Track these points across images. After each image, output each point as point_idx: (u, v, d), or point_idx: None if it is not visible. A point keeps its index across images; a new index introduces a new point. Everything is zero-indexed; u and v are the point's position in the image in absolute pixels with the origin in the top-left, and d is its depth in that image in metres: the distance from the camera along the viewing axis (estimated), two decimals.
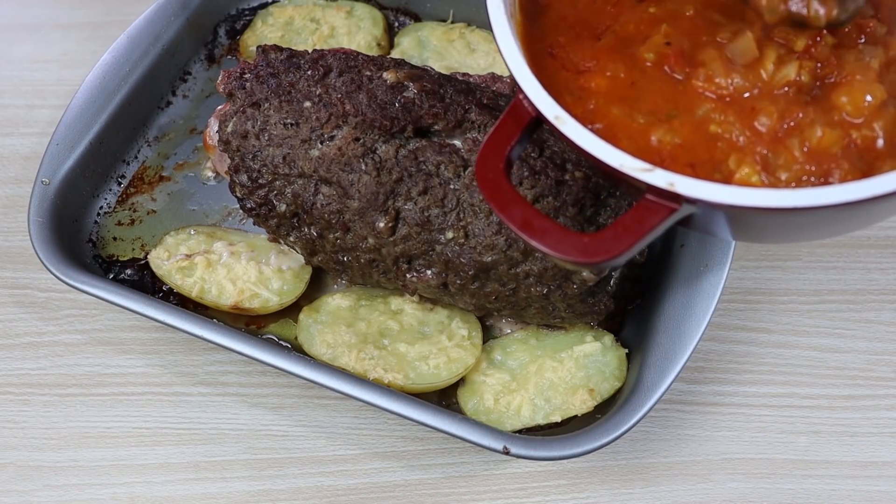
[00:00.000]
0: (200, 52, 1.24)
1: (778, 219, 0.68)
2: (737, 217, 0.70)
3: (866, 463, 0.99)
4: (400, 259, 0.94)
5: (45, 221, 1.04)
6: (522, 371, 0.98)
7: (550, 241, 0.67)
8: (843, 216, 0.69)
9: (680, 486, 0.98)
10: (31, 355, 1.07)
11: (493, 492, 0.98)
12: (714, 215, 0.70)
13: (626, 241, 0.66)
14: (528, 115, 0.73)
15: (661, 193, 0.66)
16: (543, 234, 0.68)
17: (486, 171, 0.71)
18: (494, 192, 0.70)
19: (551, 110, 0.71)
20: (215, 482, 0.99)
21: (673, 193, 0.66)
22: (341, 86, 0.95)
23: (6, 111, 1.26)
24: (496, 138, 0.73)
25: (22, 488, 0.99)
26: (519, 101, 0.73)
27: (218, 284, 1.02)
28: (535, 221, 0.68)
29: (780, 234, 0.77)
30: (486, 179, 0.71)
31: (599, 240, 0.66)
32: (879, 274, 1.11)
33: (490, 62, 1.20)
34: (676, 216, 0.67)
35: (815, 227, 0.73)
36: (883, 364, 1.05)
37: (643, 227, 0.66)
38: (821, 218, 0.68)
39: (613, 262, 0.66)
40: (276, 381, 1.04)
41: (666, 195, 0.66)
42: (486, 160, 0.72)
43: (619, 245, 0.66)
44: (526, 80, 0.72)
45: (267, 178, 0.96)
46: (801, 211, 0.64)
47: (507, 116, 0.73)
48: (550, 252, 0.67)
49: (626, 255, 0.66)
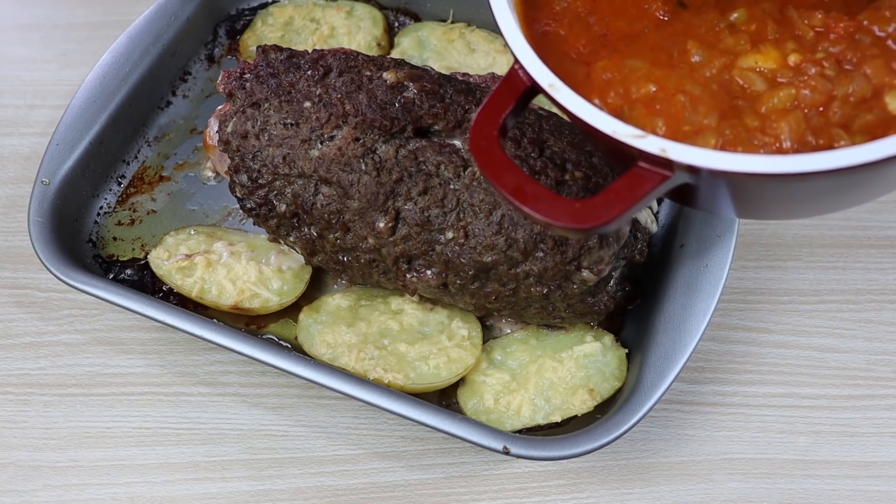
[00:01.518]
0: (200, 52, 1.24)
1: (775, 187, 0.67)
2: (733, 187, 0.69)
3: (866, 463, 0.99)
4: (400, 259, 0.94)
5: (45, 221, 1.04)
6: (522, 371, 0.98)
7: (542, 207, 0.67)
8: (845, 185, 0.67)
9: (680, 486, 0.98)
10: (31, 355, 1.07)
11: (493, 492, 0.98)
12: (710, 184, 0.68)
13: (617, 207, 0.65)
14: (522, 85, 0.73)
15: (653, 160, 0.66)
16: (536, 200, 0.67)
17: (480, 139, 0.71)
18: (487, 158, 0.70)
19: (545, 78, 0.71)
20: (215, 482, 0.99)
21: (665, 160, 0.65)
22: (341, 86, 0.95)
23: (6, 111, 1.26)
24: (491, 106, 0.73)
25: (22, 488, 0.99)
26: (514, 71, 0.74)
27: (218, 284, 1.02)
28: (527, 188, 0.68)
29: (779, 205, 0.75)
30: (480, 147, 0.71)
31: (591, 206, 0.66)
32: (879, 274, 1.11)
33: (490, 62, 1.20)
34: (669, 184, 0.66)
35: (815, 197, 0.71)
36: (883, 364, 1.05)
37: (635, 193, 0.66)
38: (820, 186, 0.66)
39: (604, 228, 0.66)
40: (276, 381, 1.04)
41: (658, 161, 0.65)
42: (479, 128, 0.72)
43: (611, 211, 0.65)
44: (521, 49, 0.73)
45: (267, 179, 0.96)
46: (798, 177, 0.63)
47: (502, 86, 0.74)
48: (542, 218, 0.67)
49: (617, 221, 0.66)
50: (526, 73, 0.72)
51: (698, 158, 0.64)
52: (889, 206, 1.16)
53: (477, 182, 0.90)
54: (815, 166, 0.62)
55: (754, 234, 1.14)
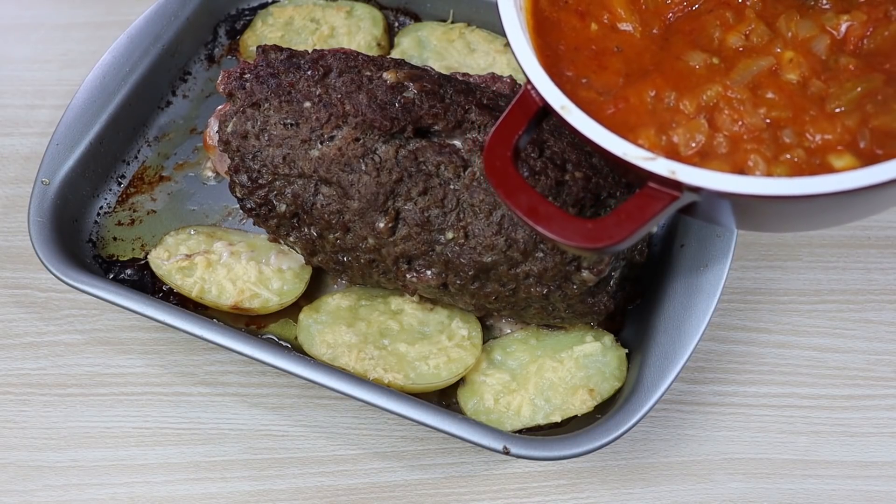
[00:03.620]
0: (200, 52, 1.24)
1: (778, 207, 0.69)
2: (738, 205, 0.71)
3: (866, 463, 0.99)
4: (400, 259, 0.94)
5: (45, 221, 1.04)
6: (522, 371, 0.98)
7: (555, 227, 0.69)
8: (844, 204, 0.69)
9: (680, 486, 0.98)
10: (31, 355, 1.07)
11: (493, 492, 0.98)
12: (716, 203, 0.71)
13: (628, 227, 0.68)
14: (535, 105, 0.75)
15: (663, 181, 0.68)
16: (549, 220, 0.70)
17: (494, 160, 0.74)
18: (502, 179, 0.72)
19: (557, 100, 0.73)
20: (215, 482, 0.99)
21: (674, 181, 0.67)
22: (341, 86, 0.95)
23: (6, 111, 1.26)
24: (504, 128, 0.75)
25: (22, 488, 0.99)
26: (527, 92, 0.76)
27: (218, 284, 1.02)
28: (541, 208, 0.70)
29: (781, 222, 0.79)
30: (494, 167, 0.73)
31: (603, 226, 0.69)
32: (879, 274, 1.11)
33: (490, 62, 1.20)
34: (678, 204, 0.69)
35: (815, 215, 0.74)
36: (883, 364, 1.05)
37: (645, 214, 0.68)
38: (821, 206, 0.69)
39: (616, 247, 0.68)
40: (276, 381, 1.04)
41: (668, 183, 0.68)
42: (493, 149, 0.74)
43: (622, 231, 0.68)
44: (533, 70, 0.75)
45: (267, 179, 0.96)
46: (801, 199, 0.65)
47: (515, 106, 0.76)
48: (555, 237, 0.69)
49: (628, 241, 0.68)
50: (538, 95, 0.74)
51: (707, 181, 0.67)
52: None
53: (477, 182, 0.90)
54: (816, 189, 0.65)
55: (754, 235, 1.14)
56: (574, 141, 0.94)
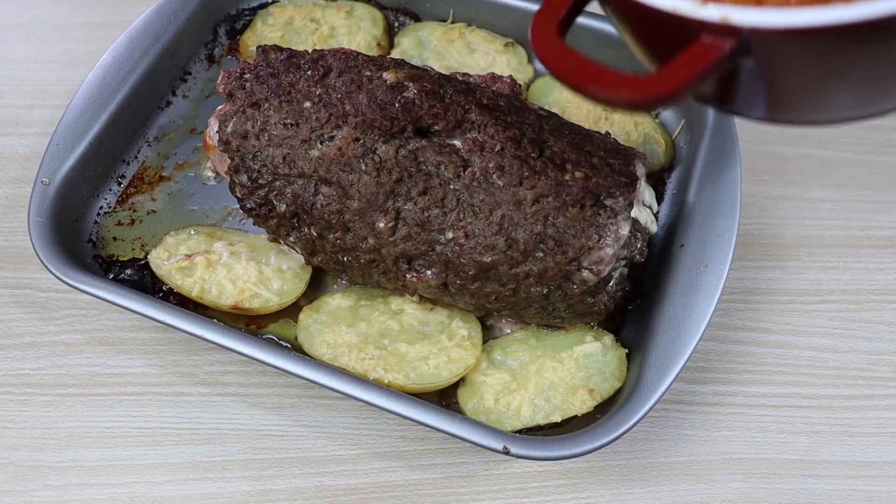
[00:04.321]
0: (200, 52, 1.24)
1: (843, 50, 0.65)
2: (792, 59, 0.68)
3: (866, 463, 0.99)
4: (400, 259, 0.94)
5: (45, 221, 1.04)
6: (522, 371, 0.98)
7: (607, 85, 0.68)
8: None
9: (680, 486, 0.98)
10: (31, 355, 1.07)
11: (493, 492, 0.98)
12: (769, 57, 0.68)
13: (680, 77, 0.66)
14: None
15: (715, 30, 0.66)
16: (599, 78, 0.69)
17: (541, 37, 0.72)
18: (549, 52, 0.71)
19: None
20: (215, 482, 0.99)
21: (728, 27, 0.65)
22: (341, 86, 0.95)
23: (6, 111, 1.26)
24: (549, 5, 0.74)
25: (22, 488, 0.99)
26: None
27: (218, 284, 1.02)
28: (591, 69, 0.69)
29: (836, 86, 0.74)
30: (542, 44, 0.72)
31: (654, 79, 0.67)
32: (879, 274, 1.11)
33: (490, 62, 1.20)
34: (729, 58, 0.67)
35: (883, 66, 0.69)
36: (883, 364, 1.05)
37: (696, 66, 0.66)
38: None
39: (667, 100, 0.67)
40: (276, 381, 1.04)
41: (721, 30, 0.66)
42: (539, 25, 0.73)
43: (674, 82, 0.67)
44: None
45: (267, 179, 0.96)
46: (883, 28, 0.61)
47: None
48: (609, 93, 0.68)
49: (680, 95, 0.67)
50: None
51: (763, 18, 0.64)
52: (889, 206, 1.17)
53: (477, 182, 0.91)
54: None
55: (754, 235, 1.14)
56: (574, 141, 0.94)
